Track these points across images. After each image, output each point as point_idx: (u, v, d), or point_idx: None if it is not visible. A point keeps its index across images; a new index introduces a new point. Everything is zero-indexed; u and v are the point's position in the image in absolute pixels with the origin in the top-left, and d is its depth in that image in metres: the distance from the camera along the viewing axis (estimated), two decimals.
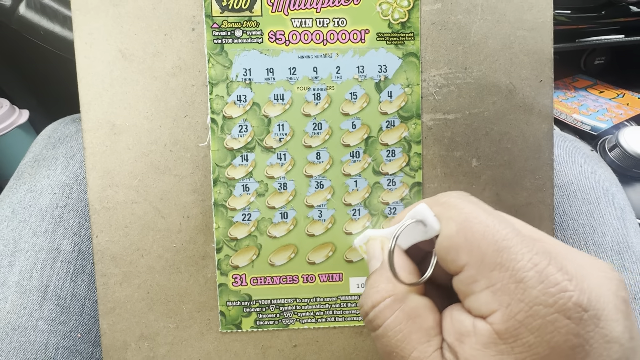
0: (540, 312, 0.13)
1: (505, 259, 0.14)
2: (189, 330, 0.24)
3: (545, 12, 0.24)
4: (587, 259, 0.15)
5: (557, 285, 0.13)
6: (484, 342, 0.14)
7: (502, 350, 0.14)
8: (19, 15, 0.29)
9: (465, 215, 0.15)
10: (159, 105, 0.23)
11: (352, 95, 0.23)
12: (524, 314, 0.14)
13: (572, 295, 0.13)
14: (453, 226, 0.16)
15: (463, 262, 0.15)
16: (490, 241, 0.15)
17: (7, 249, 0.26)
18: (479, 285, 0.15)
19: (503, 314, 0.14)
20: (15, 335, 0.24)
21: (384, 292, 0.17)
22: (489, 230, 0.15)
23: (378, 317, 0.16)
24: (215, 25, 0.23)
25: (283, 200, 0.24)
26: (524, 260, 0.14)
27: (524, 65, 0.24)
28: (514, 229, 0.15)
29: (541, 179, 0.25)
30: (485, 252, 0.14)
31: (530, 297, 0.14)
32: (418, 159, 0.24)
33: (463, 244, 0.15)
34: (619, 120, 0.50)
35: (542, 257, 0.14)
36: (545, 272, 0.14)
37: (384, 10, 0.23)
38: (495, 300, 0.14)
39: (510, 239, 0.14)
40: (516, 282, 0.14)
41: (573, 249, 0.16)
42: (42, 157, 0.28)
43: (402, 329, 0.16)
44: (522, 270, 0.14)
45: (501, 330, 0.14)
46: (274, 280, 0.24)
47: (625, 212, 0.30)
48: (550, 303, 0.13)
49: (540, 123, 0.24)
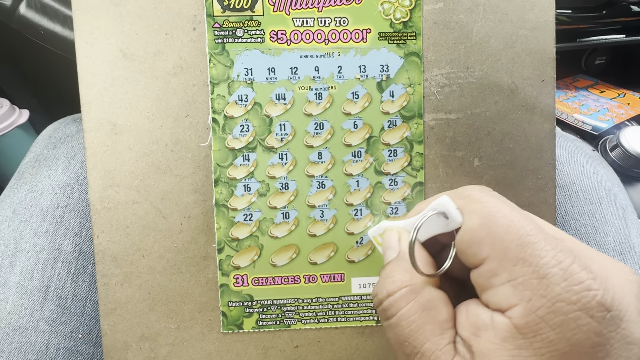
0: (562, 308, 0.13)
1: (529, 254, 0.14)
2: (190, 330, 0.23)
3: (548, 11, 0.24)
4: (610, 261, 0.15)
5: (581, 284, 0.13)
6: (502, 336, 0.14)
7: (520, 345, 0.14)
8: (19, 14, 0.29)
9: (489, 208, 0.15)
10: (160, 105, 0.23)
11: (353, 94, 0.23)
12: (545, 309, 0.14)
13: (596, 294, 0.13)
14: (476, 219, 0.15)
15: (484, 255, 0.15)
16: (515, 236, 0.15)
17: (8, 249, 0.26)
18: (499, 278, 0.14)
19: (524, 309, 0.14)
20: (16, 336, 0.24)
21: (399, 282, 0.17)
22: (514, 225, 0.15)
23: (393, 306, 0.16)
24: (216, 25, 0.23)
25: (284, 200, 0.23)
26: (547, 257, 0.14)
27: (526, 64, 0.24)
28: (538, 226, 0.15)
29: (543, 179, 0.24)
30: (509, 246, 0.14)
31: (553, 293, 0.13)
32: (420, 159, 0.24)
33: (486, 237, 0.15)
34: (620, 120, 0.50)
35: (566, 255, 0.14)
36: (570, 269, 0.14)
37: (385, 10, 0.23)
38: (516, 294, 0.14)
39: (534, 235, 0.14)
40: (539, 277, 0.14)
41: (596, 251, 0.16)
42: (43, 157, 0.28)
43: (415, 320, 0.16)
44: (546, 267, 0.14)
45: (521, 325, 0.14)
46: (276, 280, 0.24)
47: (627, 212, 0.30)
48: (574, 300, 0.13)
49: (542, 123, 0.24)
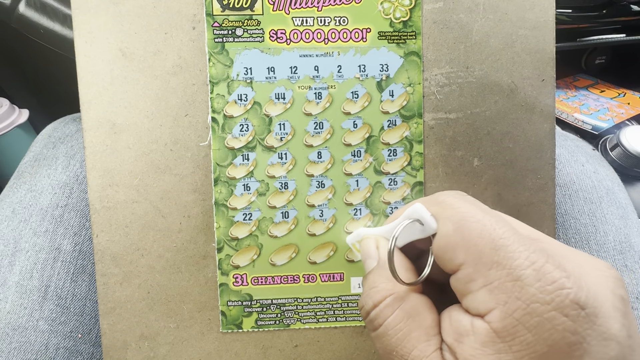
0: (537, 309, 0.13)
1: (502, 257, 0.14)
2: (189, 330, 0.23)
3: (547, 10, 0.24)
4: (585, 258, 0.15)
5: (554, 283, 0.13)
6: (482, 341, 0.14)
7: (500, 349, 0.14)
8: (18, 13, 0.29)
9: (462, 214, 0.15)
10: (159, 104, 0.23)
11: (353, 94, 0.23)
12: (521, 311, 0.13)
13: (569, 293, 0.13)
14: (450, 225, 0.16)
15: (460, 261, 0.15)
16: (487, 240, 0.15)
17: (7, 249, 0.26)
18: (476, 284, 0.14)
19: (500, 312, 0.14)
20: (15, 336, 0.24)
21: (384, 291, 0.17)
22: (486, 229, 0.15)
23: (379, 316, 0.16)
24: (216, 24, 0.23)
25: (284, 199, 0.23)
26: (521, 259, 0.14)
27: (525, 64, 0.24)
28: (511, 228, 0.15)
29: (543, 178, 0.24)
30: (482, 250, 0.14)
31: (527, 295, 0.13)
32: (419, 159, 0.24)
33: (460, 243, 0.15)
34: (620, 119, 0.50)
35: (540, 255, 0.14)
36: (543, 269, 0.14)
37: (385, 9, 0.23)
38: (493, 298, 0.14)
39: (507, 238, 0.14)
40: (513, 280, 0.14)
41: (571, 248, 0.16)
42: (42, 157, 0.28)
43: (402, 328, 0.16)
44: (519, 268, 0.14)
45: (499, 329, 0.14)
46: (275, 280, 0.24)
47: (627, 212, 0.30)
48: (548, 300, 0.13)
49: (542, 122, 0.24)
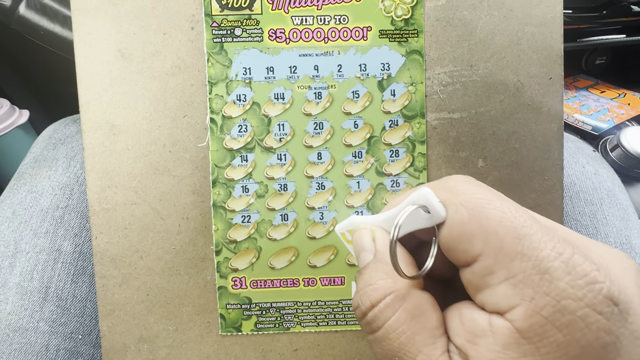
0: (569, 306, 0.12)
1: (527, 248, 0.13)
2: (188, 332, 0.23)
3: (555, 7, 0.23)
4: (605, 248, 0.14)
5: (585, 277, 0.12)
6: (503, 343, 0.13)
7: (525, 351, 0.12)
8: (19, 15, 0.29)
9: (478, 200, 0.14)
10: (158, 105, 0.23)
11: (354, 94, 0.23)
12: (550, 308, 0.12)
13: (602, 287, 0.12)
14: (465, 212, 0.14)
15: (477, 252, 0.13)
16: (509, 228, 0.13)
17: (7, 250, 0.26)
18: (496, 277, 0.13)
19: (526, 309, 0.12)
20: (16, 337, 0.24)
21: (383, 289, 0.15)
22: (507, 217, 0.13)
23: (378, 317, 0.15)
24: (214, 24, 0.22)
25: (283, 201, 0.23)
26: (547, 249, 0.12)
27: (532, 62, 0.23)
28: (531, 216, 0.14)
29: (550, 180, 0.24)
30: (504, 239, 0.13)
31: (557, 290, 0.12)
32: (422, 160, 0.23)
33: (477, 232, 0.13)
34: (621, 120, 0.49)
35: (566, 246, 0.13)
36: (572, 261, 0.12)
37: (386, 7, 0.23)
38: (517, 293, 0.13)
39: (529, 226, 0.13)
40: (540, 273, 0.12)
41: (589, 239, 0.14)
42: (42, 158, 0.28)
43: (405, 330, 0.14)
44: (546, 260, 0.12)
45: (524, 328, 0.12)
46: (274, 283, 0.23)
47: (628, 213, 0.29)
48: (580, 296, 0.12)
49: (549, 122, 0.24)
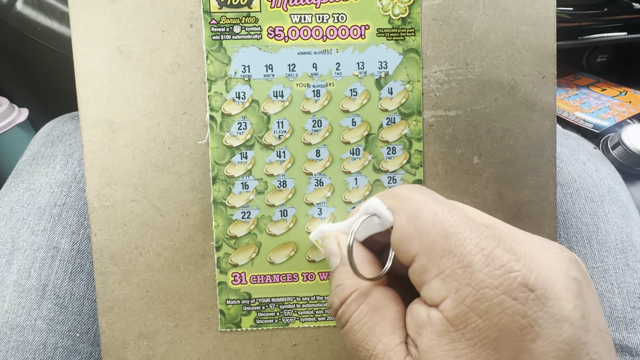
0: (486, 294, 0.13)
1: (454, 245, 0.14)
2: (188, 329, 0.23)
3: (548, 7, 0.24)
4: (539, 241, 0.15)
5: (503, 267, 0.13)
6: (438, 331, 0.14)
7: (454, 337, 0.14)
8: (16, 11, 0.29)
9: (416, 205, 0.15)
10: (157, 102, 0.23)
11: (352, 91, 0.23)
12: (471, 298, 0.13)
13: (517, 275, 0.13)
14: (404, 217, 0.16)
15: (414, 252, 0.15)
16: (439, 229, 0.14)
17: (5, 248, 0.26)
18: (430, 273, 0.14)
19: (453, 300, 0.14)
20: (13, 335, 0.24)
21: (349, 287, 0.17)
22: (438, 218, 0.15)
23: (345, 312, 0.16)
24: (213, 22, 0.23)
25: (282, 198, 0.23)
26: (471, 245, 0.14)
27: (526, 61, 0.24)
28: (465, 216, 0.15)
29: (544, 176, 0.24)
30: (435, 239, 0.14)
31: (477, 281, 0.13)
32: (419, 157, 0.24)
33: (414, 234, 0.15)
34: (622, 118, 0.50)
35: (490, 240, 0.14)
36: (492, 254, 0.14)
37: (384, 6, 0.23)
38: (445, 287, 0.14)
39: (458, 226, 0.14)
40: (464, 266, 0.14)
41: (527, 233, 0.16)
42: (40, 155, 0.28)
43: (366, 322, 0.16)
44: (469, 255, 0.14)
45: (451, 317, 0.14)
46: (274, 278, 0.24)
47: (629, 210, 0.30)
48: (496, 285, 0.13)
49: (542, 120, 0.24)
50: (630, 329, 0.26)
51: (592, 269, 0.28)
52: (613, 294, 0.27)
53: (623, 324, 0.26)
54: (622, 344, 0.26)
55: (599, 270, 0.28)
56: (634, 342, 0.26)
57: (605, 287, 0.27)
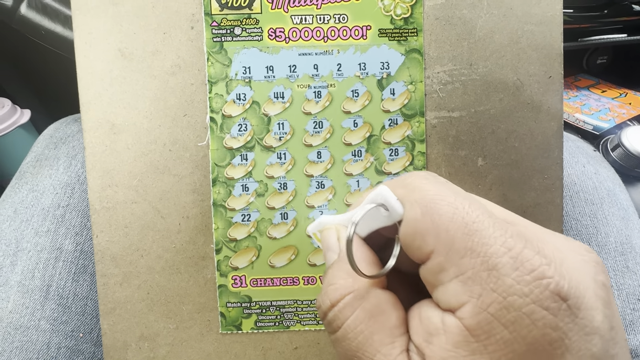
0: (515, 302, 0.12)
1: (477, 244, 0.13)
2: (189, 331, 0.23)
3: (555, 5, 0.23)
4: (564, 241, 0.14)
5: (533, 272, 0.12)
6: (454, 341, 0.12)
7: (474, 349, 0.12)
8: (20, 15, 0.29)
9: (432, 196, 0.14)
10: (158, 104, 0.23)
11: (353, 92, 0.23)
12: (497, 305, 0.12)
13: (550, 282, 0.12)
14: (418, 209, 0.14)
15: (430, 249, 0.13)
16: (460, 224, 0.13)
17: (9, 249, 0.26)
18: (447, 274, 0.13)
19: (474, 307, 0.12)
20: (17, 335, 0.24)
21: (342, 289, 0.15)
22: (458, 213, 0.13)
23: (338, 317, 0.15)
24: (214, 23, 0.22)
25: (283, 200, 0.23)
26: (497, 245, 0.12)
27: (532, 60, 0.23)
28: (486, 210, 0.13)
29: (550, 178, 0.24)
30: (454, 236, 0.13)
31: (504, 286, 0.12)
32: (422, 158, 0.23)
33: (430, 228, 0.13)
34: (622, 119, 0.49)
35: (517, 240, 0.13)
36: (521, 256, 0.12)
37: (386, 6, 0.23)
38: (466, 290, 0.12)
39: (481, 222, 0.13)
40: (488, 269, 0.12)
41: (549, 231, 0.14)
42: (44, 157, 0.29)
43: (363, 330, 0.14)
44: (495, 256, 0.12)
45: (472, 326, 0.12)
46: (274, 281, 0.23)
47: (629, 213, 0.29)
48: (526, 292, 0.12)
49: (549, 121, 0.24)
50: (630, 330, 0.26)
51: None
52: (613, 296, 0.26)
53: (623, 326, 0.26)
54: None
55: None
56: (633, 344, 0.26)
57: None
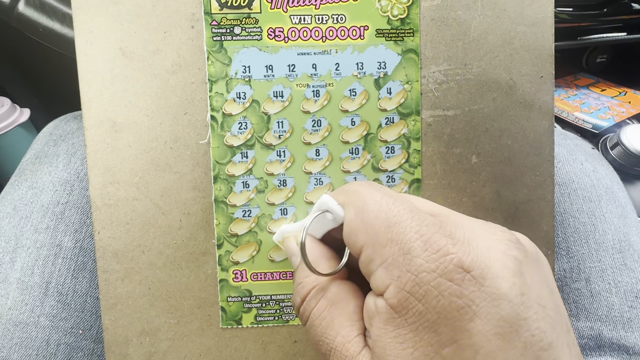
0: (424, 278, 0.13)
1: (395, 234, 0.14)
2: (189, 325, 0.24)
3: (546, 7, 0.24)
4: (482, 225, 0.15)
5: (439, 251, 0.14)
6: (384, 320, 0.14)
7: (398, 324, 0.14)
8: (18, 12, 0.29)
9: (363, 198, 0.16)
10: (159, 102, 0.23)
11: (351, 92, 0.23)
12: (411, 283, 0.14)
13: (453, 258, 0.13)
14: (352, 210, 0.16)
15: (361, 244, 0.15)
16: (383, 219, 0.15)
17: (8, 246, 0.26)
18: (374, 263, 0.15)
19: (394, 287, 0.14)
20: (16, 332, 0.24)
21: (308, 285, 0.17)
22: (382, 209, 0.15)
23: (306, 309, 0.17)
24: (214, 23, 0.23)
25: (283, 196, 0.24)
26: (411, 232, 0.14)
27: (524, 61, 0.24)
28: (409, 205, 0.15)
29: (542, 175, 0.24)
30: (379, 230, 0.15)
31: (415, 266, 0.14)
32: (417, 156, 0.24)
33: (360, 226, 0.15)
34: (621, 118, 0.50)
35: (431, 227, 0.14)
36: (430, 239, 0.14)
37: (383, 7, 0.23)
38: (388, 274, 0.14)
39: (400, 215, 0.15)
40: (404, 253, 0.14)
41: (472, 219, 0.16)
42: (43, 154, 0.29)
43: (325, 316, 0.16)
44: (409, 242, 0.14)
45: (395, 304, 0.14)
46: (274, 276, 0.24)
47: (627, 211, 0.30)
48: (433, 268, 0.13)
49: (540, 119, 0.24)
50: (628, 328, 0.27)
51: (590, 269, 0.28)
52: (610, 293, 0.27)
53: (620, 324, 0.27)
54: (619, 343, 0.26)
55: (596, 270, 0.28)
56: (631, 342, 0.26)
57: (602, 286, 0.27)
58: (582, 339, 0.27)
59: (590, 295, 0.27)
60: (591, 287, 0.27)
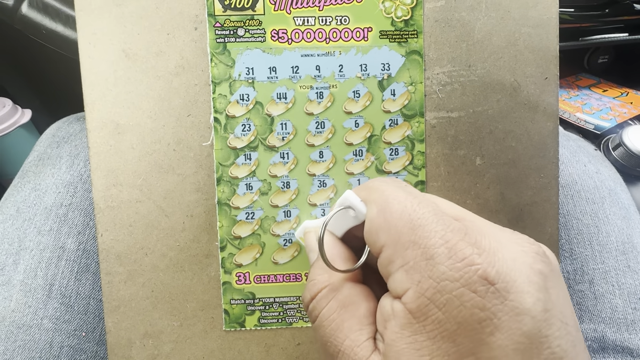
0: (446, 287, 0.13)
1: (419, 237, 0.14)
2: (192, 328, 0.24)
3: (551, 8, 0.24)
4: (508, 235, 0.15)
5: (464, 260, 0.13)
6: (401, 324, 0.14)
7: (415, 329, 0.14)
8: (21, 14, 0.29)
9: (386, 196, 0.16)
10: (162, 104, 0.23)
11: (355, 93, 0.23)
12: (432, 290, 0.13)
13: (478, 269, 0.13)
14: (375, 208, 0.16)
15: (382, 243, 0.15)
16: (407, 220, 0.15)
17: (11, 248, 0.26)
18: (394, 265, 0.15)
19: (414, 292, 0.14)
20: (20, 334, 0.24)
21: (320, 283, 0.17)
22: (406, 210, 0.15)
23: (315, 308, 0.17)
24: (217, 24, 0.23)
25: (286, 199, 0.24)
26: (435, 237, 0.14)
27: (528, 62, 0.24)
28: (434, 208, 0.15)
29: (546, 177, 0.24)
30: (401, 231, 0.14)
31: (438, 273, 0.13)
32: (421, 158, 0.24)
33: (382, 225, 0.15)
34: (623, 119, 0.50)
35: (456, 233, 0.14)
36: (455, 247, 0.14)
37: (387, 8, 0.23)
38: (408, 278, 0.14)
39: (425, 218, 0.14)
40: (427, 258, 0.14)
41: (497, 226, 0.16)
42: (46, 156, 0.29)
43: (335, 318, 0.16)
44: (433, 247, 0.14)
45: (413, 309, 0.14)
46: (278, 278, 0.24)
47: (630, 212, 0.30)
48: (457, 277, 0.13)
49: (545, 121, 0.24)
50: (631, 330, 0.26)
51: (593, 271, 0.28)
52: (614, 295, 0.27)
53: (624, 325, 0.27)
54: (623, 345, 0.26)
55: (599, 272, 0.28)
56: (634, 344, 0.26)
57: (606, 288, 0.27)
58: (585, 341, 0.27)
59: (593, 297, 0.27)
60: (595, 289, 0.27)
